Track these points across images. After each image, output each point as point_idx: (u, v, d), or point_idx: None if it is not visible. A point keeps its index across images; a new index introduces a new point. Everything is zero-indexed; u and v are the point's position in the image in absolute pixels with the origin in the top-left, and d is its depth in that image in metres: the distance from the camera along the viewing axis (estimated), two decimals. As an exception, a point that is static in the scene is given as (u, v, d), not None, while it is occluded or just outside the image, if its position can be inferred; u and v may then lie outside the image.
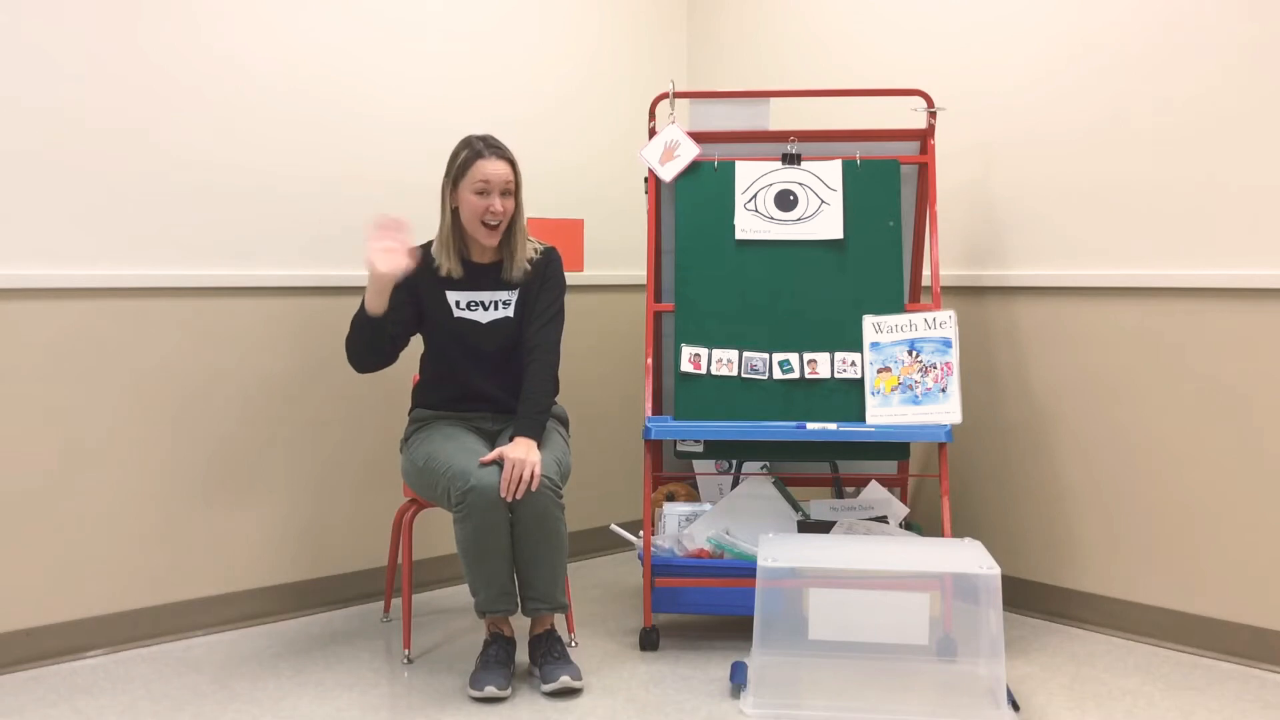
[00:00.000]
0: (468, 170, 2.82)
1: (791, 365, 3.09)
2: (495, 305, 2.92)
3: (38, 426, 2.88)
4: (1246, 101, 2.87)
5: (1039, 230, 3.28)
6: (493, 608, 2.71)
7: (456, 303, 2.91)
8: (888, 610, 2.57)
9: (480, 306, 2.91)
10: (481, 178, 2.80)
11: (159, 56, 3.03)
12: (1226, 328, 2.91)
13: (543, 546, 2.70)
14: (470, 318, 2.90)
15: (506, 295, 2.93)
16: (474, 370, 2.92)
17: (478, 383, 2.93)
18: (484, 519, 2.62)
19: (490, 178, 2.80)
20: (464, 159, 2.84)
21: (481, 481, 2.62)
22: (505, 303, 2.93)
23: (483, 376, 2.93)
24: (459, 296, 2.91)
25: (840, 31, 3.76)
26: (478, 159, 2.82)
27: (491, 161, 2.81)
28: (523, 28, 3.78)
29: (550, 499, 2.68)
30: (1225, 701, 2.63)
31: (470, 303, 2.91)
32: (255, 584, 3.25)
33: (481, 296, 2.92)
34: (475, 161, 2.82)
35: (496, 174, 2.81)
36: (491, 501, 2.62)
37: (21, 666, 2.85)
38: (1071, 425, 3.22)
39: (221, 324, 3.15)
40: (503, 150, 2.85)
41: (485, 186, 2.81)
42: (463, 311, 2.90)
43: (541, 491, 2.66)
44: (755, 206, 3.19)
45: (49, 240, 2.88)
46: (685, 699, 2.64)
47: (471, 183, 2.81)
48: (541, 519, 2.68)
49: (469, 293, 2.92)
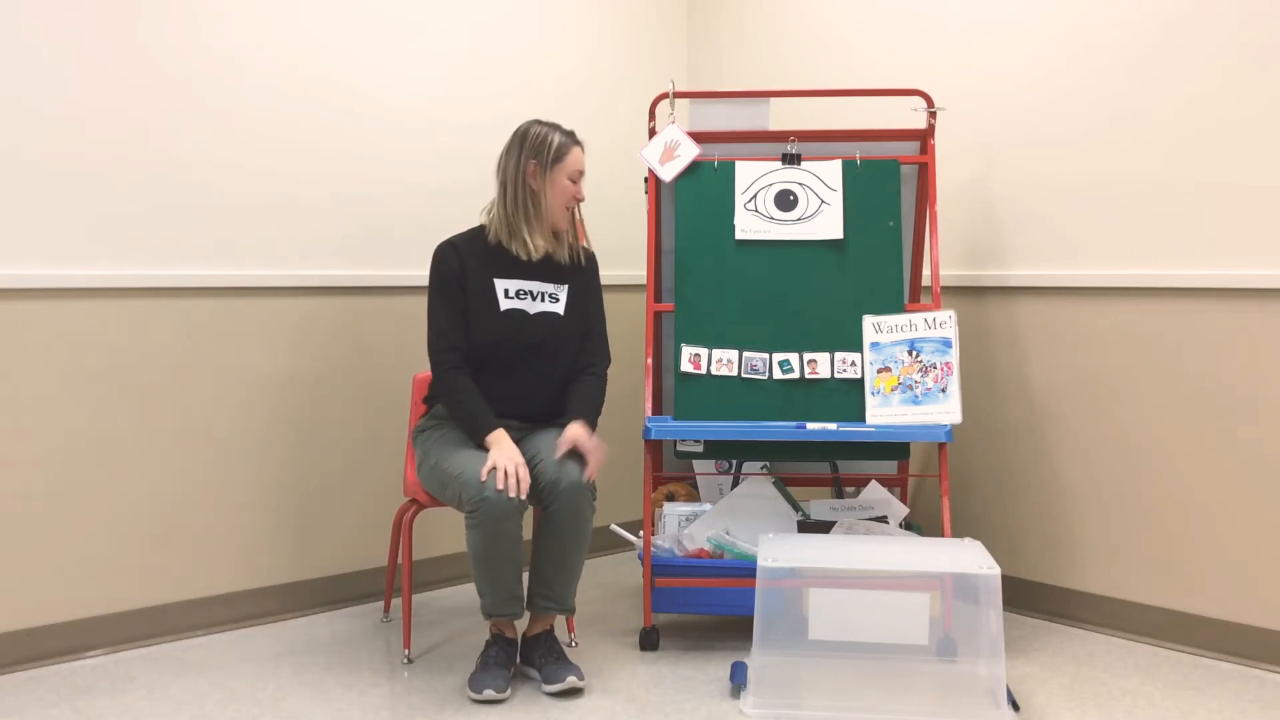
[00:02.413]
0: (564, 157, 2.85)
1: (791, 365, 3.09)
2: (544, 297, 2.89)
3: (37, 426, 2.88)
4: (1246, 102, 2.87)
5: (1039, 230, 3.28)
6: (499, 611, 2.71)
7: (505, 291, 2.86)
8: (888, 610, 2.57)
9: (529, 296, 2.88)
10: (577, 166, 2.86)
11: (159, 57, 3.03)
12: (1226, 328, 2.91)
13: (571, 546, 2.72)
14: (518, 307, 2.86)
15: (554, 288, 2.91)
16: (516, 366, 2.86)
17: (518, 379, 2.86)
18: (496, 528, 2.61)
19: (582, 168, 2.88)
20: (558, 145, 2.85)
21: (495, 494, 2.60)
22: (554, 296, 2.90)
23: (524, 373, 2.86)
24: (509, 284, 2.87)
25: (840, 31, 3.76)
26: (573, 146, 2.88)
27: (580, 150, 2.89)
28: (523, 27, 3.78)
29: (587, 498, 2.70)
30: (1225, 701, 2.63)
31: (520, 291, 2.87)
32: (255, 584, 3.25)
33: (531, 286, 2.89)
34: (571, 149, 2.87)
35: (583, 165, 2.90)
36: (504, 512, 2.60)
37: (21, 666, 2.85)
38: (1071, 425, 3.22)
39: (221, 324, 3.16)
40: (578, 138, 2.93)
41: (579, 175, 2.87)
42: (511, 301, 2.86)
43: (579, 489, 2.67)
44: (755, 206, 3.19)
45: (49, 240, 2.88)
46: (685, 699, 2.64)
47: (567, 169, 2.85)
48: (574, 516, 2.69)
49: (519, 281, 2.88)
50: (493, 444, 2.72)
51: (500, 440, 2.72)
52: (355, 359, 3.42)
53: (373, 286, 3.43)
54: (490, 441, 2.73)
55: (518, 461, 2.65)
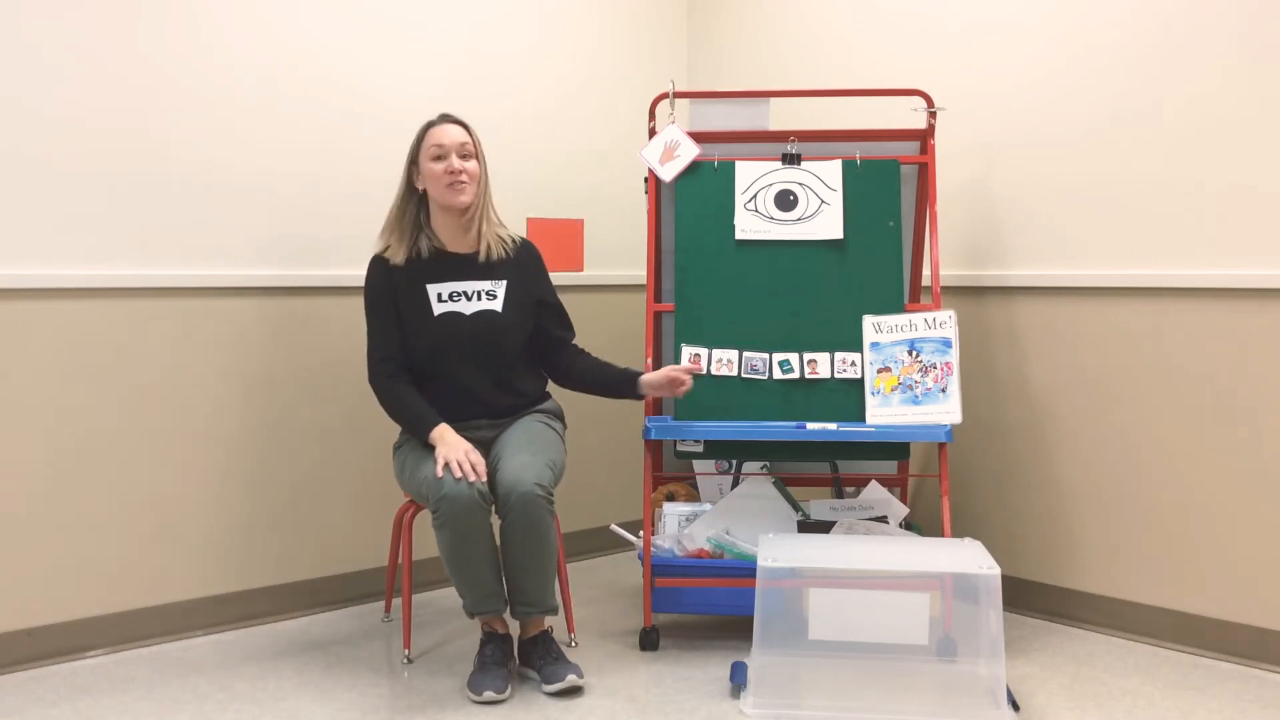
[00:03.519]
0: (422, 141, 2.84)
1: (791, 365, 3.09)
2: (479, 295, 2.87)
3: (37, 426, 2.88)
4: (1246, 102, 2.87)
5: (1039, 230, 3.28)
6: (480, 609, 2.72)
7: (438, 295, 2.84)
8: (888, 610, 2.57)
9: (464, 297, 2.86)
10: (435, 142, 2.81)
11: (159, 57, 3.03)
12: (1227, 328, 2.91)
13: (531, 553, 2.68)
14: (453, 309, 2.84)
15: (490, 285, 2.88)
16: (462, 369, 2.85)
17: (467, 382, 2.85)
18: (460, 525, 2.61)
19: (445, 142, 2.81)
20: (417, 134, 2.86)
21: (454, 490, 2.59)
22: (490, 293, 2.87)
23: (471, 374, 2.85)
24: (440, 288, 2.85)
25: (840, 31, 3.76)
26: (430, 128, 2.85)
27: (442, 126, 2.84)
28: (523, 28, 3.78)
29: (541, 505, 2.65)
30: (1225, 701, 2.63)
31: (453, 293, 2.86)
32: (255, 584, 3.25)
33: (464, 286, 2.86)
34: (427, 130, 2.85)
35: (451, 137, 2.82)
36: (466, 507, 2.59)
37: (21, 666, 2.85)
38: (1071, 425, 3.22)
39: (221, 324, 3.15)
40: (453, 116, 2.88)
41: (440, 150, 2.81)
42: (445, 304, 2.84)
43: (532, 498, 2.63)
44: (755, 206, 3.19)
45: (49, 240, 2.88)
46: (685, 699, 2.64)
47: (427, 150, 2.82)
48: (531, 526, 2.66)
49: (450, 283, 2.86)
50: (437, 441, 2.73)
51: (444, 436, 2.74)
52: (356, 359, 3.40)
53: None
54: (434, 439, 2.74)
55: (465, 448, 2.67)
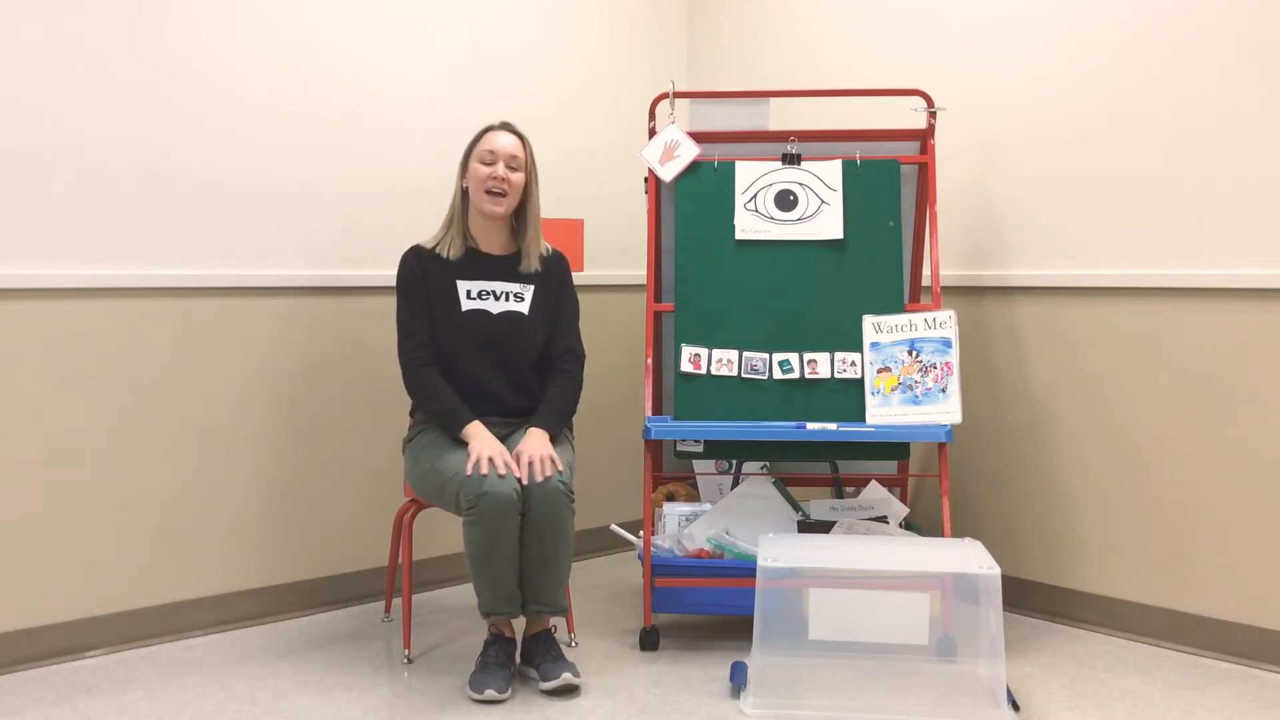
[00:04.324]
0: (477, 143, 2.88)
1: (791, 365, 3.09)
2: (507, 296, 2.91)
3: (37, 426, 2.88)
4: (1246, 102, 2.87)
5: (1039, 230, 3.28)
6: (497, 610, 2.71)
7: (468, 292, 2.89)
8: (888, 610, 2.57)
9: (491, 296, 2.90)
10: (488, 147, 2.85)
11: (159, 57, 3.02)
12: (1226, 328, 2.91)
13: (552, 550, 2.71)
14: (481, 307, 2.88)
15: (519, 288, 2.92)
16: (482, 366, 2.89)
17: (486, 379, 2.88)
18: (495, 524, 2.62)
19: (496, 148, 2.85)
20: (476, 135, 2.90)
21: (495, 488, 2.61)
22: (518, 295, 2.92)
23: (491, 372, 2.89)
24: (470, 286, 2.90)
25: (840, 31, 3.76)
26: (488, 131, 2.89)
27: (500, 133, 2.88)
28: (523, 28, 3.78)
29: (564, 502, 2.69)
30: (1225, 701, 2.63)
31: (481, 292, 2.90)
32: (255, 584, 3.25)
33: (493, 286, 2.91)
34: (485, 134, 2.88)
35: (503, 145, 2.86)
36: (504, 507, 2.61)
37: (21, 666, 2.85)
38: (1071, 425, 3.22)
39: (221, 324, 3.15)
40: (513, 126, 2.91)
41: (491, 156, 2.85)
42: (473, 301, 2.88)
43: (557, 494, 2.67)
44: (755, 206, 3.19)
45: (49, 240, 2.88)
46: (685, 699, 2.64)
47: (479, 153, 2.86)
48: (554, 521, 2.68)
49: (480, 282, 2.90)
50: (470, 437, 2.75)
51: (478, 432, 2.76)
52: (355, 359, 3.42)
53: (374, 286, 3.42)
54: (468, 435, 2.76)
55: (499, 448, 2.69)
